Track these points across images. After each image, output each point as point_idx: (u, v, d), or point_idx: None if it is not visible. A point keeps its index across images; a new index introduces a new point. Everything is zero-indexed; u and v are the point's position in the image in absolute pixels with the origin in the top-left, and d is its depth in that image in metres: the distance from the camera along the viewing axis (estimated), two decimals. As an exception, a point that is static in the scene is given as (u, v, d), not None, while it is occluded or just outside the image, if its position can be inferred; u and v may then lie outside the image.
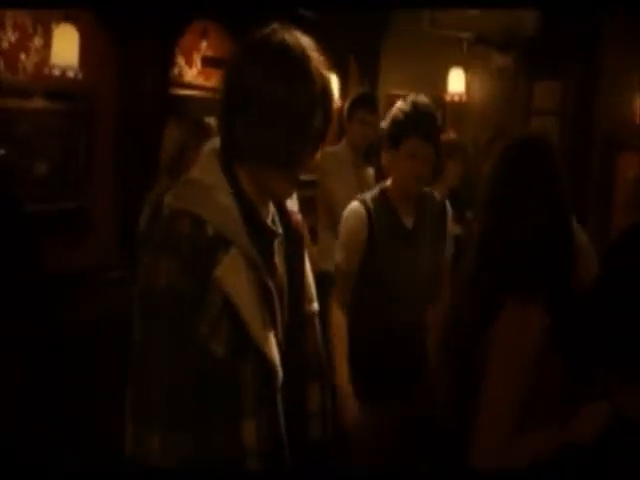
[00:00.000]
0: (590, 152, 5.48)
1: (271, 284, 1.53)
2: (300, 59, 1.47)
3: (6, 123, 3.68)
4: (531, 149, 1.86)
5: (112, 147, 4.25)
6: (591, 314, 2.14)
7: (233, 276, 1.45)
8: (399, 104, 2.62)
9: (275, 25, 1.51)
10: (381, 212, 2.61)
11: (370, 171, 4.42)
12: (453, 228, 4.66)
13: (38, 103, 3.85)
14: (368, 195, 2.68)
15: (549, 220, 1.78)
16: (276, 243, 1.60)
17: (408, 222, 2.65)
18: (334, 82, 5.59)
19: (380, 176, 4.78)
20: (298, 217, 1.71)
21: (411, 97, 2.61)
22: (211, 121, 3.90)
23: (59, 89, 3.90)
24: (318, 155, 1.58)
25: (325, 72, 1.51)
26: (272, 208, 1.61)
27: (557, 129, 5.77)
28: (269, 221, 1.59)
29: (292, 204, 1.70)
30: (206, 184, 1.51)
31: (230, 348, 1.46)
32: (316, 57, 1.50)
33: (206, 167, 1.55)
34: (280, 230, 1.61)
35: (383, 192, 2.66)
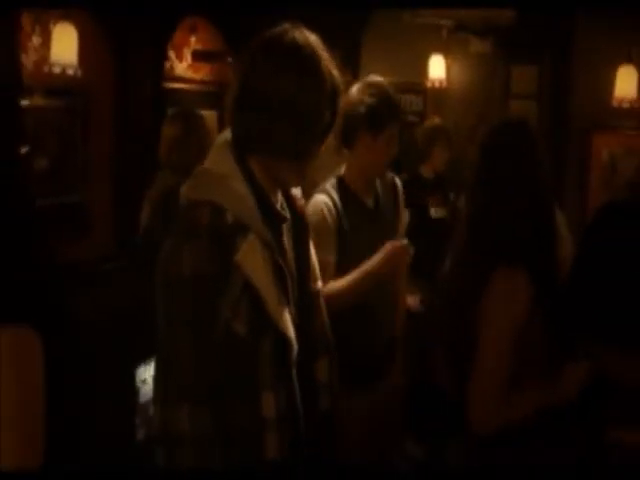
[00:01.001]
0: (567, 134, 5.67)
1: (284, 264, 1.62)
2: (311, 58, 1.56)
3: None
4: (511, 135, 1.97)
5: (109, 142, 4.39)
6: (573, 288, 2.33)
7: (252, 260, 1.54)
8: (365, 88, 2.58)
9: (286, 24, 1.60)
10: (344, 199, 2.62)
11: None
12: (437, 211, 4.85)
13: (38, 100, 3.98)
14: (328, 185, 2.67)
15: (530, 204, 1.89)
16: (285, 227, 1.69)
17: (369, 202, 2.68)
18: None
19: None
20: (302, 202, 1.81)
21: (371, 80, 2.60)
22: (203, 113, 4.07)
23: (58, 86, 4.03)
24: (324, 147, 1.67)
25: (334, 71, 1.61)
26: (280, 194, 1.71)
27: (535, 112, 5.94)
28: (278, 207, 1.68)
29: (296, 190, 1.79)
30: (221, 174, 1.59)
31: (250, 327, 1.55)
32: (325, 56, 1.59)
33: (220, 158, 1.63)
34: (288, 215, 1.71)
35: (341, 179, 2.67)
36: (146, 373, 3.65)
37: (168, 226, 3.40)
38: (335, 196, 2.62)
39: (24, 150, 3.66)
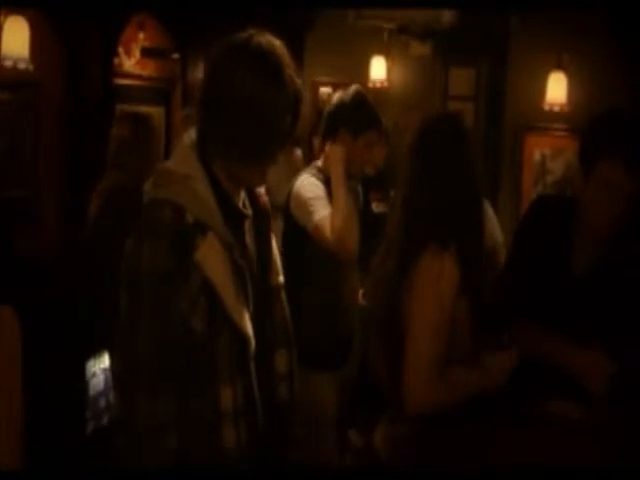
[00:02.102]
0: (502, 134, 5.93)
1: (243, 262, 1.66)
2: (276, 64, 1.60)
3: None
4: (442, 128, 2.06)
5: (59, 136, 4.44)
6: (506, 273, 2.49)
7: (210, 259, 1.59)
8: (344, 96, 2.87)
9: (252, 30, 1.63)
10: (324, 184, 2.86)
11: (298, 152, 4.65)
12: (378, 206, 5.02)
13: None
14: (310, 170, 2.92)
15: (459, 191, 1.99)
16: (247, 223, 1.74)
17: None
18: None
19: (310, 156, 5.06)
20: (265, 198, 1.85)
21: (354, 89, 2.88)
22: (143, 109, 4.16)
23: (9, 80, 4.06)
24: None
25: (296, 77, 1.64)
26: (242, 192, 1.75)
27: (472, 113, 6.19)
28: (240, 205, 1.72)
29: (261, 190, 1.85)
30: (183, 174, 1.62)
31: (208, 323, 1.60)
32: (289, 62, 1.63)
33: (183, 158, 1.67)
34: (250, 212, 1.75)
35: (319, 169, 2.91)
36: (95, 366, 3.71)
37: (115, 224, 3.51)
38: (320, 178, 2.86)
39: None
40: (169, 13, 4.95)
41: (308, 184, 2.85)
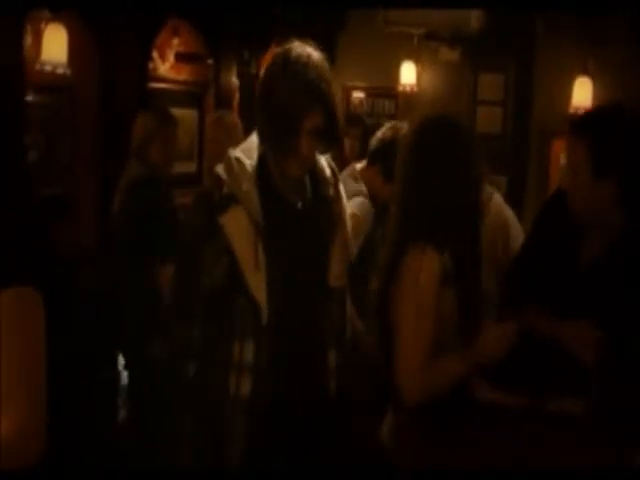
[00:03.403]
0: (528, 138, 5.98)
1: (272, 244, 1.92)
2: (301, 67, 1.88)
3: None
4: (437, 128, 2.10)
5: (95, 138, 4.61)
6: (519, 264, 2.56)
7: (233, 226, 1.89)
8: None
9: (295, 41, 1.95)
10: None
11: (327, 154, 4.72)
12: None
13: (29, 97, 4.20)
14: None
15: (449, 190, 2.03)
16: (301, 220, 2.01)
17: None
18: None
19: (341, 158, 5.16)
20: (337, 206, 2.07)
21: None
22: (177, 112, 4.31)
23: (48, 84, 4.25)
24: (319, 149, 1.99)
25: (324, 82, 1.90)
26: (306, 191, 2.02)
27: (500, 118, 6.25)
28: (298, 201, 1.99)
29: (334, 193, 2.07)
30: (235, 156, 1.96)
31: (226, 278, 1.91)
32: (317, 67, 1.90)
33: (246, 148, 2.00)
34: (302, 208, 2.00)
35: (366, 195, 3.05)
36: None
37: (137, 213, 3.67)
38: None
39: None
40: (203, 18, 5.10)
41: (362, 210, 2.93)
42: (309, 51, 1.92)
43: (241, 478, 1.94)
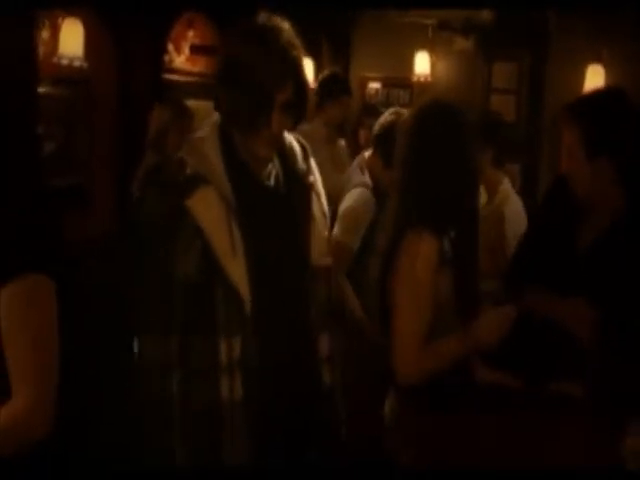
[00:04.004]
0: (542, 126, 6.00)
1: (248, 225, 1.73)
2: (272, 35, 1.71)
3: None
4: (435, 114, 2.11)
5: (111, 129, 4.70)
6: (522, 247, 2.59)
7: (202, 207, 1.69)
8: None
9: (262, 13, 1.77)
10: None
11: (342, 143, 4.67)
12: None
13: (47, 89, 4.30)
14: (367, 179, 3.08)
15: (446, 176, 2.06)
16: (274, 199, 1.83)
17: None
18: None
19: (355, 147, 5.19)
20: (310, 179, 1.91)
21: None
22: (193, 104, 4.39)
23: (65, 77, 4.35)
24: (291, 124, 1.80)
25: (296, 51, 1.73)
26: (275, 169, 1.84)
27: (514, 106, 6.27)
28: (270, 179, 1.82)
29: (306, 167, 1.91)
30: (197, 137, 1.79)
31: (201, 270, 1.69)
32: (289, 37, 1.73)
33: (205, 128, 1.81)
34: (274, 186, 1.82)
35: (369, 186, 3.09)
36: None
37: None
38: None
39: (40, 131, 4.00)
40: (217, 11, 5.17)
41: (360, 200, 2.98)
42: (277, 20, 1.76)
43: (241, 477, 1.79)
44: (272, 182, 1.83)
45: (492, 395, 2.18)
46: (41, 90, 4.20)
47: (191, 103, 4.40)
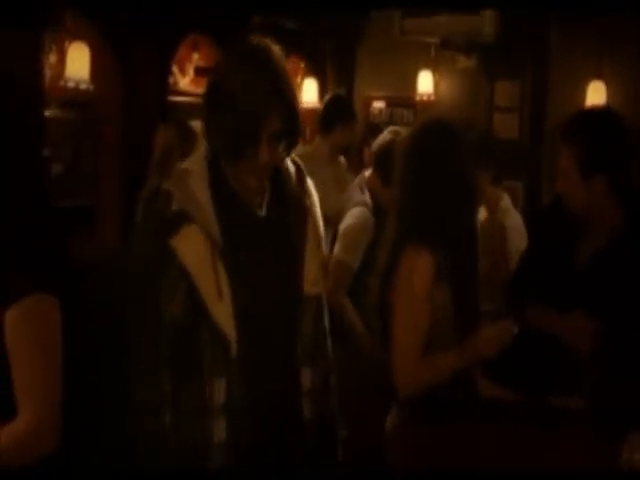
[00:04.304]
0: (544, 144, 6.02)
1: (235, 264, 1.64)
2: (259, 59, 1.61)
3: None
4: (434, 132, 2.17)
5: (117, 150, 4.77)
6: (523, 267, 2.62)
7: (188, 247, 1.61)
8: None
9: (253, 36, 1.69)
10: None
11: (342, 161, 4.70)
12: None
13: (54, 112, 4.38)
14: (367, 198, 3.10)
15: (443, 193, 2.11)
16: (266, 230, 1.72)
17: None
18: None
19: (360, 166, 5.22)
20: (307, 202, 1.80)
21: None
22: (197, 125, 4.44)
23: (72, 99, 4.43)
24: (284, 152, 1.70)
25: (285, 76, 1.63)
26: (267, 195, 1.73)
27: (517, 124, 6.30)
28: (261, 205, 1.71)
29: (301, 190, 1.81)
30: (184, 168, 1.70)
31: (186, 312, 1.64)
32: (278, 60, 1.64)
33: (194, 157, 1.73)
34: (266, 215, 1.72)
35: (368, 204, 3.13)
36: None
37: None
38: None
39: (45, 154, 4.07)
40: (221, 33, 5.25)
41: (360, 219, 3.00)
42: (266, 43, 1.66)
43: None
44: (264, 210, 1.73)
45: (492, 407, 2.21)
46: (48, 113, 4.28)
47: (195, 124, 4.45)
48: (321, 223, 1.86)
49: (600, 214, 2.29)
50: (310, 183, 1.85)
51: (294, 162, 1.84)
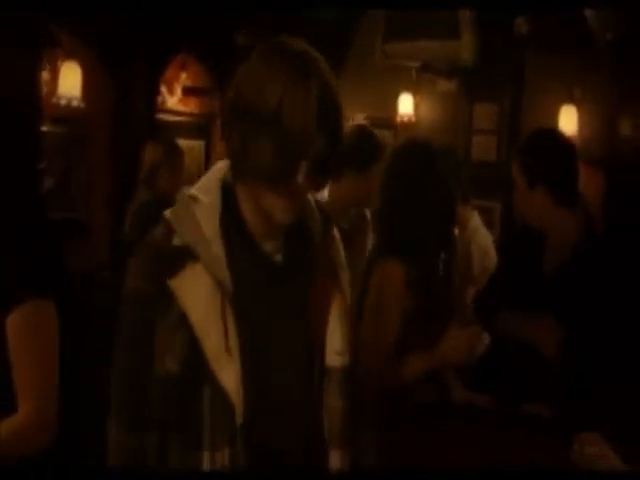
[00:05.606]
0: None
1: (246, 316, 1.35)
2: (300, 63, 1.29)
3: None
4: (410, 153, 2.31)
5: (107, 166, 4.92)
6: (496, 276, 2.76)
7: (189, 291, 1.32)
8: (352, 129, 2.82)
9: (285, 36, 1.37)
10: None
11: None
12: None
13: (46, 127, 4.53)
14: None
15: (418, 208, 2.21)
16: (280, 274, 1.41)
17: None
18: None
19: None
20: (331, 258, 1.50)
21: (354, 124, 3.01)
22: (184, 143, 4.59)
23: (64, 116, 4.58)
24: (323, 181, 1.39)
25: (332, 85, 1.32)
26: (283, 239, 1.42)
27: (495, 146, 6.49)
28: (275, 251, 1.41)
29: (327, 228, 1.51)
30: (190, 194, 1.39)
31: (185, 366, 1.33)
32: (321, 67, 1.32)
33: (204, 183, 1.42)
34: (282, 261, 1.42)
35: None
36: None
37: (142, 233, 3.86)
38: None
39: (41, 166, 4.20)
40: (209, 53, 5.41)
41: None
42: (306, 46, 1.35)
43: None
44: (280, 256, 1.42)
45: (463, 414, 2.29)
46: (41, 128, 4.42)
47: (183, 142, 4.62)
48: (348, 281, 1.54)
49: (555, 227, 2.46)
50: (337, 233, 1.55)
51: (319, 207, 1.53)
